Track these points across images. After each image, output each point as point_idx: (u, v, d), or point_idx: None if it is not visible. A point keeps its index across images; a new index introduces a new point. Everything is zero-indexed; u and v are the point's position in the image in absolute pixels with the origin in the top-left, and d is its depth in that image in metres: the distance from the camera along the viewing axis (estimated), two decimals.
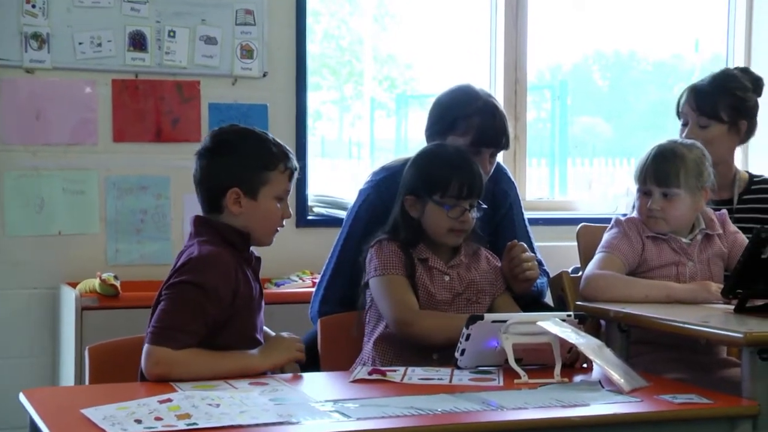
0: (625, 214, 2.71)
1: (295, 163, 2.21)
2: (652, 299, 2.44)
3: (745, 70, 3.05)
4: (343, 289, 2.69)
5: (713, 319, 2.18)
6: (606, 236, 2.64)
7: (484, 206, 2.44)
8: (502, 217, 2.75)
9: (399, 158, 2.83)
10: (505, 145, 2.69)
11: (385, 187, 2.71)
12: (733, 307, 2.30)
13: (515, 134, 4.11)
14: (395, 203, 2.47)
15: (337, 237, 2.79)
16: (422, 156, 2.47)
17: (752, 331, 2.00)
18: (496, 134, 2.65)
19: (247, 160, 2.16)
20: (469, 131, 2.64)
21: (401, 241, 2.39)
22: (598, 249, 2.62)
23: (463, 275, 2.42)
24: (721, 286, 2.39)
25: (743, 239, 2.64)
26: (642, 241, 2.60)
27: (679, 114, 3.00)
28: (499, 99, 4.06)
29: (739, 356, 2.11)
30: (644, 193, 2.61)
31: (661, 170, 2.57)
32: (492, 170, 2.72)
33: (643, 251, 2.59)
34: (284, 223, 2.22)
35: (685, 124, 2.97)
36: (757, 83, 2.98)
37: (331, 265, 2.76)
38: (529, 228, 2.88)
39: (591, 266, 2.55)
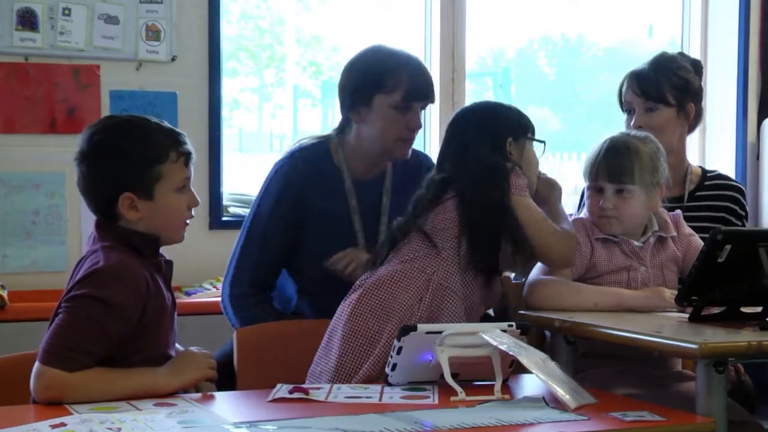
0: (571, 215, 2.75)
1: (188, 145, 2.19)
2: (601, 307, 2.47)
3: (683, 54, 3.15)
4: (254, 269, 2.73)
5: (666, 329, 2.23)
6: None
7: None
8: None
9: (316, 135, 2.88)
10: (433, 98, 2.76)
11: (302, 157, 2.75)
12: (687, 315, 2.35)
13: None
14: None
15: (248, 212, 2.82)
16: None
17: (708, 342, 2.04)
18: (426, 85, 2.72)
19: (133, 159, 2.12)
20: (399, 86, 2.68)
21: None
22: None
23: None
24: (675, 292, 2.44)
25: (698, 242, 2.70)
26: (591, 245, 2.64)
27: (622, 104, 3.05)
28: (435, 89, 4.13)
29: (695, 369, 2.15)
30: (595, 190, 2.64)
31: (614, 165, 2.60)
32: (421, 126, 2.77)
33: (592, 255, 2.63)
34: (194, 215, 2.21)
35: (629, 112, 3.02)
36: (696, 66, 3.06)
37: (240, 242, 2.79)
38: None
39: (535, 271, 2.58)
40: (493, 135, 2.52)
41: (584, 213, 2.71)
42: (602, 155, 2.62)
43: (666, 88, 2.98)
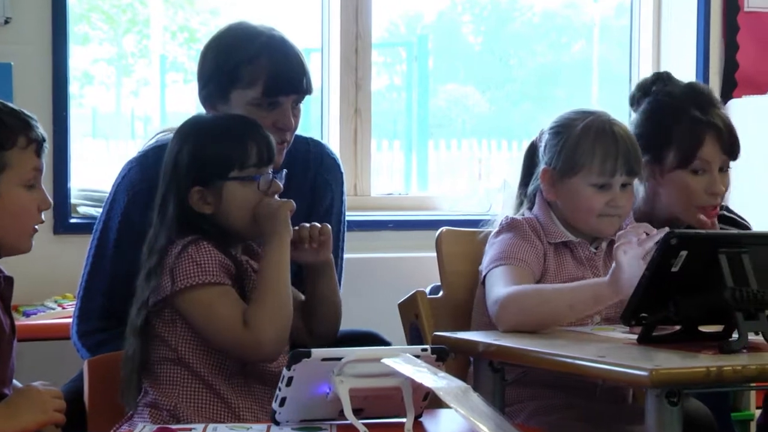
0: (508, 217, 2.79)
1: (39, 131, 2.17)
2: (579, 309, 2.50)
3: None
4: (105, 296, 2.74)
5: (610, 352, 2.26)
6: (499, 243, 2.72)
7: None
8: (321, 217, 2.79)
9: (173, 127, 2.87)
10: (307, 89, 2.75)
11: (156, 157, 2.74)
12: (636, 336, 2.39)
13: (355, 107, 4.16)
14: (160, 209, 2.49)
15: (95, 227, 2.83)
16: (191, 134, 2.52)
17: (659, 368, 2.07)
18: (294, 74, 2.72)
19: None
20: (258, 78, 2.69)
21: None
22: (491, 261, 2.68)
23: None
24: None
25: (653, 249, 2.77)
26: (544, 248, 2.71)
27: (688, 159, 2.94)
28: (334, 60, 4.13)
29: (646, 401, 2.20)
30: (599, 186, 2.70)
31: (632, 155, 2.70)
32: (297, 126, 2.78)
33: (544, 261, 2.70)
34: (43, 218, 2.19)
35: (695, 173, 2.94)
36: None
37: (87, 265, 2.79)
38: (344, 239, 2.96)
39: (497, 285, 2.61)
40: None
41: (525, 213, 2.78)
42: (620, 143, 2.69)
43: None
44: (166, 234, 2.43)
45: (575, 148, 2.70)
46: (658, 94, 2.96)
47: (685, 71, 4.66)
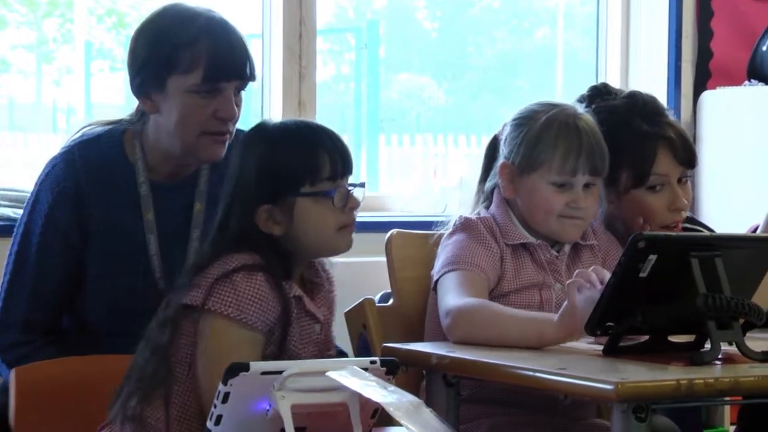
0: (462, 217, 2.80)
1: None
2: (524, 343, 2.47)
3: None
4: (27, 306, 2.73)
5: (573, 364, 2.27)
6: (452, 246, 2.72)
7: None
8: None
9: (107, 119, 2.87)
10: (251, 75, 2.76)
11: (82, 154, 2.75)
12: (601, 347, 2.40)
13: (299, 99, 4.15)
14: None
15: (15, 231, 2.80)
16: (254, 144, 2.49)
17: (626, 381, 2.09)
18: (237, 58, 2.72)
19: None
20: (198, 63, 2.69)
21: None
22: (443, 265, 2.69)
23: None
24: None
25: (619, 251, 2.76)
26: (501, 251, 2.72)
27: (644, 176, 2.94)
28: (276, 48, 4.12)
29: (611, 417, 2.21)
30: (558, 185, 2.71)
31: (596, 152, 2.71)
32: (239, 116, 2.77)
33: (501, 264, 2.71)
34: None
35: (653, 188, 2.93)
36: None
37: (7, 272, 2.78)
38: None
39: (449, 294, 2.61)
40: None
41: (481, 212, 2.79)
42: (585, 140, 2.69)
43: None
44: (213, 251, 2.43)
45: (536, 142, 2.71)
46: (599, 111, 2.90)
47: (655, 60, 4.70)
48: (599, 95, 2.98)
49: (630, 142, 2.88)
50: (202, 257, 2.44)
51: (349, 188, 2.48)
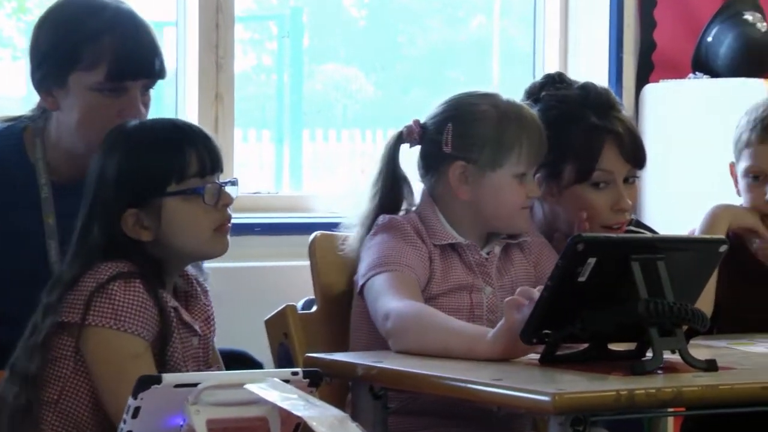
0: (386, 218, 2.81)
1: None
2: (452, 353, 2.48)
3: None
4: None
5: (509, 375, 2.28)
6: (377, 247, 2.73)
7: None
8: None
9: (7, 115, 2.86)
10: (159, 73, 2.76)
11: None
12: (538, 356, 2.41)
13: (216, 92, 4.14)
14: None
15: None
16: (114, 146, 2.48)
17: (563, 392, 2.10)
18: (144, 55, 2.72)
19: None
20: (102, 59, 2.68)
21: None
22: (370, 268, 2.69)
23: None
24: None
25: (554, 254, 2.81)
26: (429, 251, 2.72)
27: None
28: (192, 36, 4.10)
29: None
30: (522, 175, 2.76)
31: (544, 138, 2.78)
32: (147, 115, 2.76)
33: (430, 265, 2.72)
34: None
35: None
36: None
37: None
38: None
39: (384, 297, 2.61)
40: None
41: (408, 210, 2.81)
42: (536, 129, 2.76)
43: None
44: (80, 264, 2.41)
45: (500, 138, 2.73)
46: (549, 100, 2.96)
47: (595, 51, 4.73)
48: (552, 83, 3.01)
49: (577, 134, 2.91)
50: (68, 270, 2.42)
51: (221, 185, 2.48)
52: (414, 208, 2.81)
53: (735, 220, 2.99)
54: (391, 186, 2.83)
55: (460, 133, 2.75)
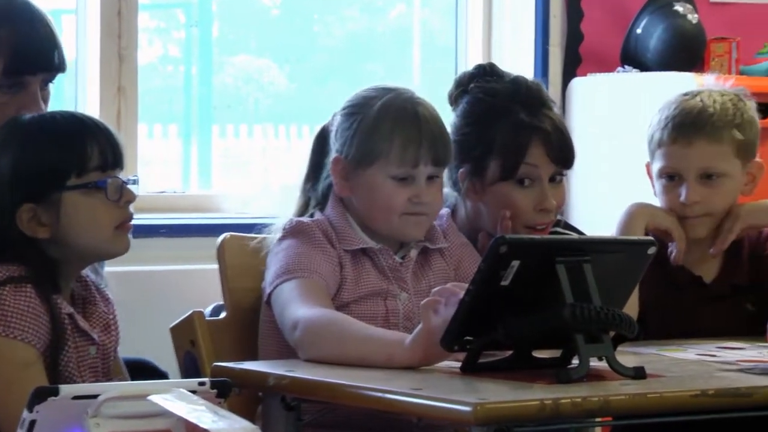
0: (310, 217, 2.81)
1: None
2: (369, 363, 2.48)
3: None
4: None
5: (429, 384, 2.28)
6: (284, 253, 2.72)
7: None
8: None
9: None
10: (59, 66, 2.75)
11: None
12: (459, 364, 2.42)
13: (118, 84, 4.12)
14: None
15: None
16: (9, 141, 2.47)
17: (485, 402, 2.10)
18: (43, 47, 2.71)
19: None
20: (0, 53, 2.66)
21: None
22: (277, 275, 2.69)
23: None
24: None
25: (476, 256, 2.83)
26: (339, 257, 2.73)
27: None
28: (92, 25, 4.07)
29: None
30: (403, 179, 2.74)
31: (439, 141, 2.78)
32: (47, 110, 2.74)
33: (341, 271, 2.72)
34: None
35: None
36: None
37: None
38: None
39: (292, 305, 2.61)
40: None
41: (316, 214, 2.80)
42: (423, 129, 2.72)
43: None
44: None
45: (371, 132, 2.72)
46: (477, 92, 2.96)
47: (520, 43, 4.76)
48: (482, 75, 3.01)
49: (504, 130, 2.92)
50: None
51: (124, 181, 2.48)
52: (325, 212, 2.80)
53: (652, 220, 3.01)
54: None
55: (342, 126, 2.76)
